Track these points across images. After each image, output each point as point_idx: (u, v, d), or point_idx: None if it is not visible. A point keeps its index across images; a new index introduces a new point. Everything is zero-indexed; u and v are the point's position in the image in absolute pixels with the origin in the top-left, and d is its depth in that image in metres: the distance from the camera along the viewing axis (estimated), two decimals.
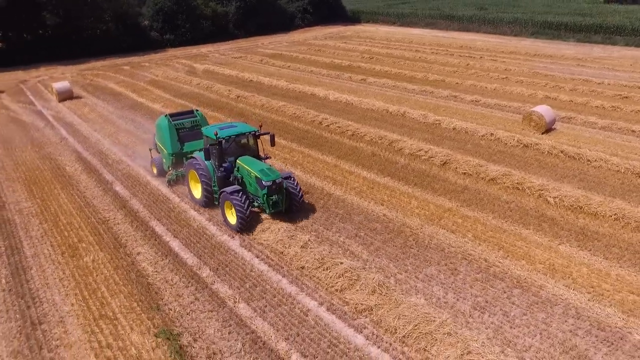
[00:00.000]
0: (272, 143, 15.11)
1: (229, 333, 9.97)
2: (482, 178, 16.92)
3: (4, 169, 19.91)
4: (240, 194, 13.47)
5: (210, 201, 15.11)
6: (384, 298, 10.42)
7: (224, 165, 14.55)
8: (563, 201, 14.88)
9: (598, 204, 14.43)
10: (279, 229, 13.52)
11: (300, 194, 14.24)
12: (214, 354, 9.42)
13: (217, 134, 13.99)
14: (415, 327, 9.33)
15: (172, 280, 11.90)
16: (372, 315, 10.10)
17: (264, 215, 14.36)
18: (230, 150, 14.72)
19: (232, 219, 13.76)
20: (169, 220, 14.94)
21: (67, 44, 47.27)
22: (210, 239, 13.74)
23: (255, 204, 14.29)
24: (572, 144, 20.10)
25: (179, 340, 9.73)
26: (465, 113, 25.10)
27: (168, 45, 52.97)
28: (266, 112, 26.66)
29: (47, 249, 13.57)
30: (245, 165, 14.04)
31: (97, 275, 12.17)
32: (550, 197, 15.20)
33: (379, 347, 9.36)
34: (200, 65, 42.01)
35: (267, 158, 15.27)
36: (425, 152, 19.21)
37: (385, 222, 14.26)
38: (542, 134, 21.56)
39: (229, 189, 13.77)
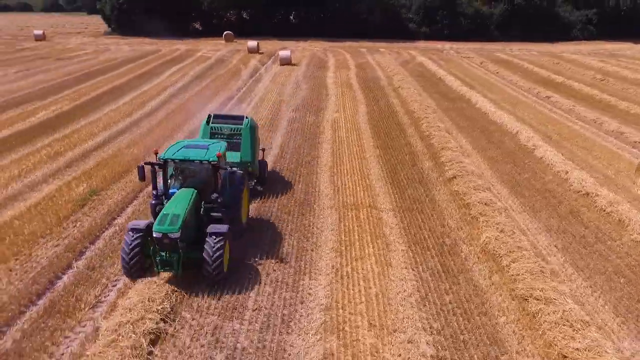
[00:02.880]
0: (224, 184, 11.51)
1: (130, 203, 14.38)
2: (459, 200, 15.11)
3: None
4: (133, 233, 10.40)
5: None
6: None
7: (155, 191, 11.54)
8: (488, 245, 12.43)
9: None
10: None
11: (215, 262, 10.06)
12: (111, 211, 13.87)
13: (156, 152, 11.50)
14: None
15: None
16: None
17: None
18: (183, 176, 11.71)
19: None
20: None
21: (339, 25, 56.54)
22: None
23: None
24: None
25: (91, 197, 14.61)
26: (594, 148, 20.37)
27: (422, 37, 56.23)
28: (396, 102, 27.80)
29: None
30: (171, 200, 10.85)
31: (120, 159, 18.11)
32: (488, 238, 12.85)
33: None
34: (420, 58, 44.13)
35: (216, 198, 11.13)
36: (452, 164, 17.73)
37: (295, 197, 15.31)
38: None
39: (132, 223, 10.94)
